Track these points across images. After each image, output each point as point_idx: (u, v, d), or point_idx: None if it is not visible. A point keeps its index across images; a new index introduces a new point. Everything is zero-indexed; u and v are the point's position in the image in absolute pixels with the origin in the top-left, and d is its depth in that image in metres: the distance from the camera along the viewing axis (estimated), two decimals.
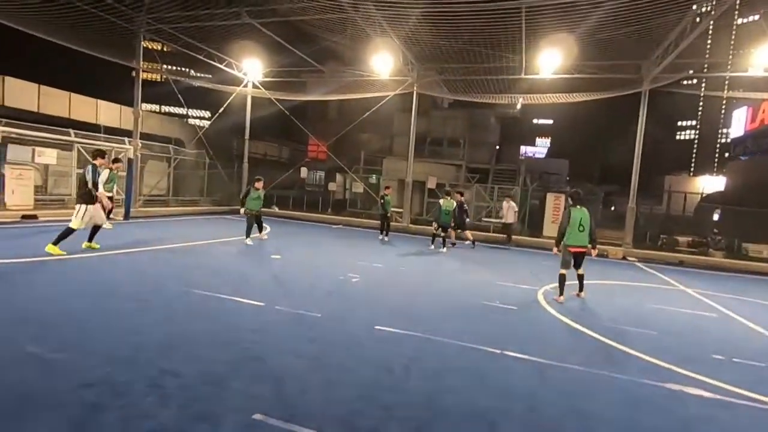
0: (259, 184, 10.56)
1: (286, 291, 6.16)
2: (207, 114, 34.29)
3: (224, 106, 18.92)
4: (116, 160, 11.08)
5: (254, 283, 6.47)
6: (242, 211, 10.22)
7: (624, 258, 13.25)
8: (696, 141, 66.40)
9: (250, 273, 7.21)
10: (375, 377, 3.58)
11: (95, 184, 7.30)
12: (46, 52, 17.69)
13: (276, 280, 6.79)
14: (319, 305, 5.48)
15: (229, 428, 2.68)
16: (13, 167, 11.34)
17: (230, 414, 2.83)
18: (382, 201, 12.82)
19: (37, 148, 12.65)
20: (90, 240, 7.62)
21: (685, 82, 14.64)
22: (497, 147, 28.13)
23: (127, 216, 12.80)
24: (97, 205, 7.40)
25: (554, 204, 16.57)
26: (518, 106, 26.10)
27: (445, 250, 11.47)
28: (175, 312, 4.86)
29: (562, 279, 6.73)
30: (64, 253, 6.98)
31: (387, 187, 13.57)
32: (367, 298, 6.17)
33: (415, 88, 16.25)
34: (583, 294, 7.02)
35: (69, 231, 7.10)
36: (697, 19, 11.23)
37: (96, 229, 7.60)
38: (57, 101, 17.38)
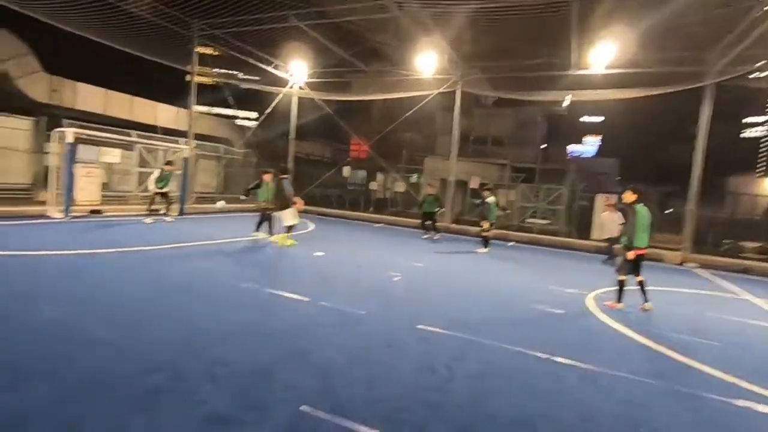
0: (268, 176, 10.03)
1: (330, 287, 6.28)
2: (254, 115, 35.58)
3: (271, 107, 19.55)
4: (168, 163, 11.96)
5: (299, 279, 6.64)
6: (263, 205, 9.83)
7: (682, 263, 12.43)
8: (765, 139, 61.02)
9: (294, 268, 7.41)
10: (418, 376, 3.58)
11: (289, 193, 9.06)
12: (111, 59, 19.02)
13: (319, 276, 6.94)
14: (362, 302, 5.54)
15: (278, 418, 2.77)
16: (82, 166, 12.30)
17: (278, 404, 2.93)
18: (422, 201, 13.00)
19: (103, 148, 13.68)
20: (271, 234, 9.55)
21: (750, 76, 13.33)
22: (543, 146, 27.20)
23: (181, 212, 13.54)
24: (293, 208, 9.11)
25: (604, 206, 15.79)
26: (566, 103, 25.12)
27: (486, 249, 11.22)
28: (225, 304, 5.09)
29: (622, 285, 6.29)
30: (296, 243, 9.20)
31: (430, 185, 13.59)
32: (409, 296, 6.17)
33: (458, 86, 16.04)
34: (648, 306, 6.31)
35: (291, 227, 9.19)
36: None
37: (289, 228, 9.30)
38: (120, 104, 18.68)
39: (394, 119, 19.22)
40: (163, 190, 11.49)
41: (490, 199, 11.02)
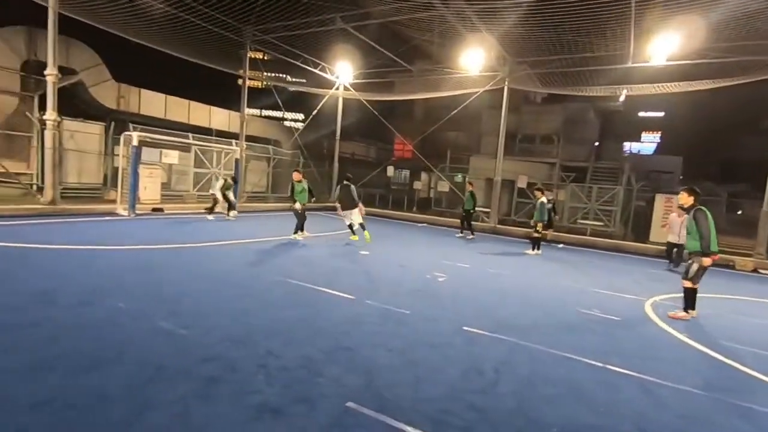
0: (298, 176, 10.18)
1: (375, 286, 6.34)
2: (301, 116, 36.55)
3: (317, 108, 20.02)
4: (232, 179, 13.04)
5: (344, 277, 6.76)
6: (296, 206, 9.91)
7: (755, 270, 11.40)
8: None
9: (340, 267, 7.55)
10: (464, 378, 3.54)
11: (358, 196, 10.32)
12: (171, 67, 20.30)
13: (365, 275, 7.02)
14: (407, 302, 5.55)
15: (325, 412, 2.84)
16: (145, 167, 13.20)
17: (325, 399, 3.01)
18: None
19: (163, 150, 14.61)
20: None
21: None
22: (596, 143, 25.89)
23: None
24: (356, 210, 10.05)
25: (664, 206, 14.81)
26: (621, 98, 23.77)
27: (537, 252, 10.86)
28: (275, 299, 5.28)
29: (693, 294, 5.87)
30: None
31: (470, 183, 13.52)
32: (455, 298, 6.11)
33: (506, 83, 15.63)
34: (695, 314, 5.97)
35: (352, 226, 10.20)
36: None
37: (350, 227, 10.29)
38: (179, 109, 19.84)
39: (438, 118, 19.07)
40: (228, 196, 12.32)
41: (542, 200, 10.71)
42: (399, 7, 12.63)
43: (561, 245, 12.23)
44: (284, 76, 29.89)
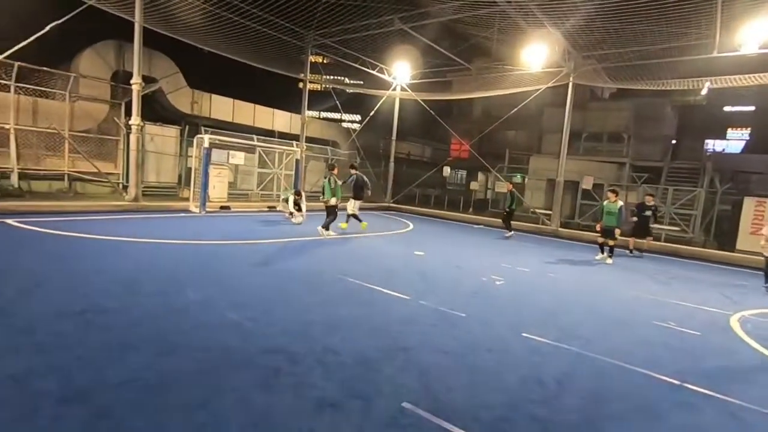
0: (335, 171, 10.38)
1: (430, 287, 6.29)
2: (358, 117, 37.21)
3: (374, 109, 20.26)
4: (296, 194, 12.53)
5: (400, 277, 6.77)
6: (332, 201, 10.06)
7: None
8: None
9: (396, 267, 7.57)
10: (523, 387, 3.40)
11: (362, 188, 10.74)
12: (238, 73, 21.51)
13: (420, 275, 6.99)
14: (463, 305, 5.45)
15: (381, 410, 2.86)
16: (214, 167, 14.10)
17: (381, 397, 3.03)
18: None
19: (230, 151, 15.53)
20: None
21: None
22: (673, 141, 23.81)
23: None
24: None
25: (755, 211, 13.30)
26: (704, 92, 21.63)
27: (608, 259, 9.99)
28: (333, 296, 5.41)
29: None
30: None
31: (510, 183, 13.97)
32: (514, 302, 5.90)
33: (571, 79, 14.84)
34: None
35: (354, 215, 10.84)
36: None
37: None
38: (245, 112, 20.98)
39: (496, 117, 18.54)
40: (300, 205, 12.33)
41: (620, 204, 9.83)
42: (459, 4, 12.43)
43: (631, 251, 11.39)
44: (342, 78, 30.59)
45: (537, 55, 13.76)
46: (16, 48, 10.09)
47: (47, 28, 10.14)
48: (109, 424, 2.47)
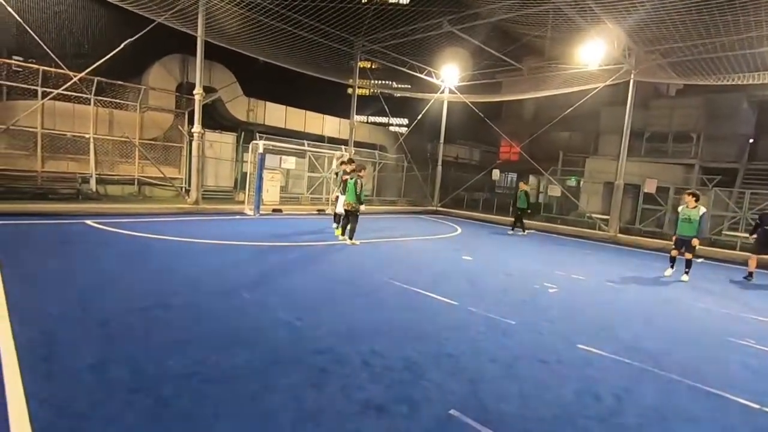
0: (363, 173, 9.30)
1: (479, 293, 6.16)
2: (406, 121, 37.29)
3: (422, 112, 20.23)
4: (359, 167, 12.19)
5: (448, 282, 6.68)
6: (362, 208, 9.28)
7: None
8: None
9: (443, 271, 7.49)
10: (578, 401, 3.23)
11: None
12: (290, 81, 22.31)
13: (468, 281, 6.87)
14: (513, 312, 5.28)
15: (428, 416, 2.83)
16: (268, 171, 14.70)
17: (428, 403, 3.00)
18: (517, 197, 13.89)
19: (282, 156, 16.12)
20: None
21: None
22: (750, 140, 21.71)
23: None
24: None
25: None
26: None
27: (686, 277, 8.41)
28: (380, 299, 5.45)
29: None
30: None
31: (523, 183, 14.49)
32: (567, 312, 5.63)
33: (632, 75, 13.99)
34: None
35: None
36: None
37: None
38: (296, 118, 21.72)
39: (549, 118, 17.87)
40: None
41: (702, 210, 8.31)
42: (510, 3, 12.13)
43: (700, 260, 10.50)
44: (390, 82, 30.83)
45: (594, 53, 13.13)
46: (96, 65, 11.09)
47: (122, 45, 11.07)
48: (173, 412, 2.64)
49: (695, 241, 8.18)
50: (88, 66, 11.21)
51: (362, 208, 9.28)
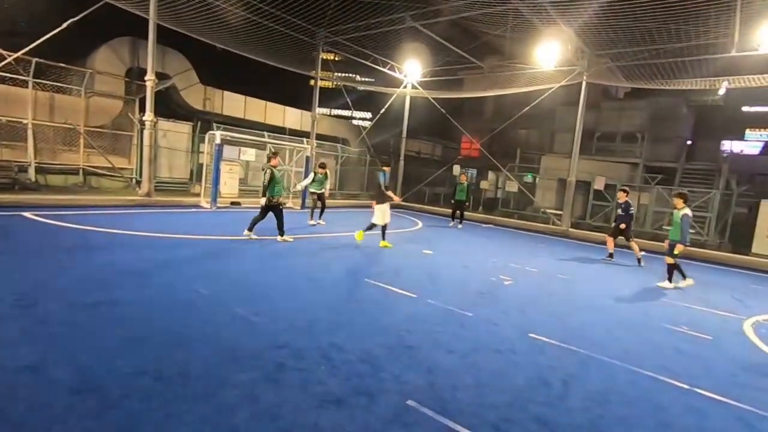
0: (275, 161, 8.38)
1: (438, 286, 6.28)
2: (369, 115, 37.18)
3: (385, 107, 20.24)
4: (321, 165, 11.71)
5: (407, 275, 6.76)
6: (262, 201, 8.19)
7: None
8: None
9: (403, 265, 7.57)
10: (529, 387, 3.39)
11: (386, 187, 8.81)
12: (249, 70, 21.65)
13: (427, 274, 6.98)
14: (470, 304, 5.44)
15: (386, 407, 2.87)
16: (226, 163, 14.22)
17: (386, 395, 3.04)
18: (455, 189, 14.23)
19: (242, 148, 15.64)
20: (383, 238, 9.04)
21: None
22: (688, 142, 23.39)
23: (303, 207, 14.84)
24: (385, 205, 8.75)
25: None
26: (721, 92, 21.18)
27: (679, 283, 7.92)
28: (340, 293, 5.44)
29: None
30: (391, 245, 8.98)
31: (462, 174, 14.76)
32: (521, 303, 5.87)
33: (584, 77, 14.66)
34: None
35: (373, 225, 8.86)
36: None
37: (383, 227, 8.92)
38: (256, 109, 21.13)
39: (508, 116, 18.39)
40: (319, 191, 11.54)
41: (685, 212, 7.63)
42: (471, 2, 12.34)
43: (642, 253, 11.21)
44: (353, 75, 30.58)
45: (550, 54, 13.64)
46: (34, 45, 10.27)
47: (64, 25, 10.32)
48: (118, 414, 2.52)
49: (678, 248, 7.57)
50: (24, 46, 10.35)
51: (262, 201, 8.13)
